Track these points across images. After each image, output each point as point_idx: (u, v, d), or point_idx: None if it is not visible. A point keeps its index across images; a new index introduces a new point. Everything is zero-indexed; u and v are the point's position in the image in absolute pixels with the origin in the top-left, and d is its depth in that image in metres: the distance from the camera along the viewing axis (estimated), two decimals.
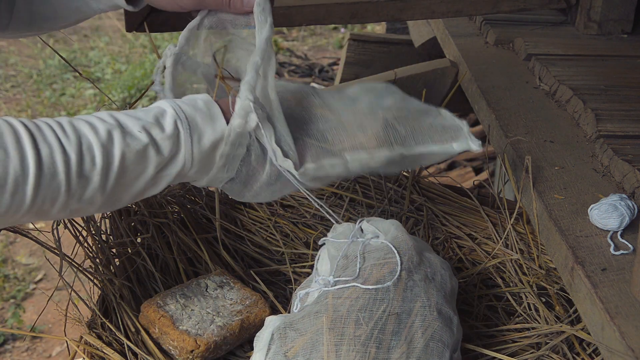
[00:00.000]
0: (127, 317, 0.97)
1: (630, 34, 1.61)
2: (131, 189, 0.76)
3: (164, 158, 0.76)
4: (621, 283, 0.84)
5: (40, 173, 0.68)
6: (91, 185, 0.72)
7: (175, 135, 0.77)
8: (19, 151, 0.67)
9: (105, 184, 0.73)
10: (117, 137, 0.73)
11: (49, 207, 0.71)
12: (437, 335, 0.82)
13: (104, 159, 0.72)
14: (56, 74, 4.42)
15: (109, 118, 0.75)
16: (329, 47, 5.02)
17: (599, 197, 0.99)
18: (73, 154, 0.70)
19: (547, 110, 1.27)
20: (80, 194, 0.72)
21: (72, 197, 0.71)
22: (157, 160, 0.76)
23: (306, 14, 1.39)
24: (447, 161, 2.79)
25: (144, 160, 0.75)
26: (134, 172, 0.75)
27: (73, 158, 0.70)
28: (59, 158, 0.69)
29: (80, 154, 0.71)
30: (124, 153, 0.73)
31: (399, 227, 0.91)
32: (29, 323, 2.37)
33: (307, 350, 0.79)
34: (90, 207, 0.75)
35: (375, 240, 0.89)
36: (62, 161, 0.70)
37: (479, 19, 1.70)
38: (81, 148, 0.71)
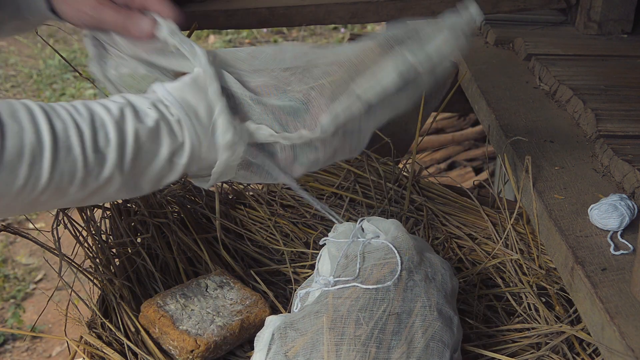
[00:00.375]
0: (127, 317, 0.97)
1: (630, 34, 1.61)
2: (148, 171, 0.75)
3: (176, 140, 0.76)
4: (621, 283, 0.84)
5: (56, 146, 0.68)
6: (108, 162, 0.72)
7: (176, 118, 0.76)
8: (34, 124, 0.68)
9: (122, 161, 0.72)
10: (129, 114, 0.74)
11: (67, 184, 0.70)
12: (437, 336, 0.82)
13: (118, 134, 0.72)
14: (56, 74, 4.42)
15: (120, 98, 0.75)
16: None
17: (599, 197, 0.99)
18: (87, 129, 0.70)
19: (547, 110, 1.27)
20: (97, 171, 0.71)
21: (90, 174, 0.71)
22: (169, 140, 0.75)
23: (306, 14, 1.39)
24: (447, 161, 2.79)
25: (157, 138, 0.75)
26: (149, 152, 0.74)
27: (87, 133, 0.70)
28: (72, 132, 0.69)
29: (94, 129, 0.71)
30: (137, 129, 0.73)
31: (399, 227, 0.91)
32: (29, 323, 2.37)
33: (307, 350, 0.79)
34: (110, 187, 0.74)
35: (375, 240, 0.89)
36: (76, 135, 0.69)
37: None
38: (94, 124, 0.71)
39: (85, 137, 0.70)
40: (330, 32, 5.24)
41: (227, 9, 1.30)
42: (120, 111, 0.73)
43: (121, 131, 0.72)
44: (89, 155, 0.70)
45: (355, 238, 0.90)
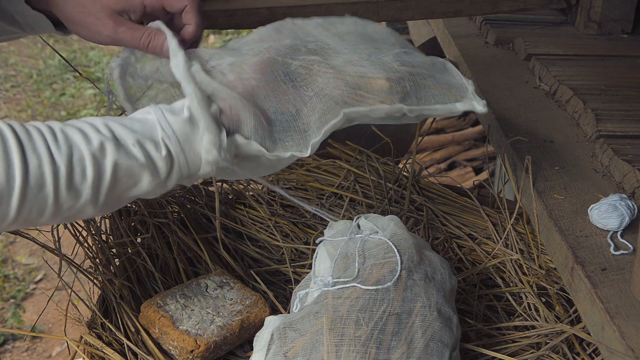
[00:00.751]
0: (127, 317, 0.97)
1: (630, 34, 1.61)
2: (123, 199, 0.76)
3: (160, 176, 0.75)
4: (621, 283, 0.84)
5: (26, 185, 0.67)
6: (82, 198, 0.71)
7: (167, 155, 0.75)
8: (6, 162, 0.66)
9: (97, 196, 0.72)
10: (109, 150, 0.72)
11: (35, 217, 0.70)
12: (437, 336, 0.82)
13: (95, 171, 0.71)
14: (56, 74, 4.42)
15: (104, 128, 0.73)
16: None
17: (599, 197, 0.99)
18: (62, 165, 0.69)
19: (547, 110, 1.27)
20: (70, 205, 0.70)
21: (61, 208, 0.70)
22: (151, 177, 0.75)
23: (306, 14, 1.39)
24: (447, 161, 2.79)
25: (138, 174, 0.74)
26: (127, 184, 0.74)
27: (62, 170, 0.69)
28: (47, 169, 0.68)
29: (71, 166, 0.69)
30: (116, 165, 0.72)
31: (398, 223, 0.90)
32: (29, 323, 2.37)
33: (307, 350, 0.79)
34: (82, 215, 0.74)
35: (374, 236, 0.89)
36: (51, 172, 0.68)
37: (479, 19, 1.70)
38: (72, 159, 0.69)
39: (60, 175, 0.69)
40: None
41: (227, 9, 1.30)
42: (100, 145, 0.71)
43: (99, 167, 0.71)
44: (61, 192, 0.69)
45: (352, 235, 0.90)
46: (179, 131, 0.76)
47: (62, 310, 0.96)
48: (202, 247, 1.13)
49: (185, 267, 1.11)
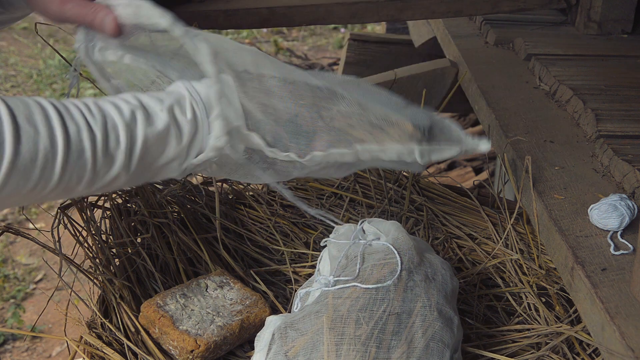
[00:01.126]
0: (127, 317, 0.97)
1: (630, 34, 1.61)
2: (153, 167, 0.78)
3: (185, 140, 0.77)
4: (621, 283, 0.84)
5: (69, 150, 0.70)
6: (116, 164, 0.73)
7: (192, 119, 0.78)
8: (49, 129, 0.69)
9: (129, 163, 0.74)
10: (140, 118, 0.75)
11: (75, 184, 0.72)
12: (437, 336, 0.82)
13: (128, 138, 0.73)
14: (56, 74, 4.42)
15: (133, 99, 0.76)
16: (329, 47, 5.02)
17: (599, 197, 0.99)
18: (99, 132, 0.72)
19: (547, 110, 1.27)
20: (105, 172, 0.73)
21: (97, 175, 0.73)
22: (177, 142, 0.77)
23: (306, 14, 1.39)
24: (447, 161, 2.79)
25: (166, 140, 0.76)
26: (156, 152, 0.76)
27: (99, 136, 0.72)
28: (85, 136, 0.71)
29: (106, 133, 0.72)
30: (147, 133, 0.75)
31: (399, 228, 0.91)
32: (29, 323, 2.37)
33: (307, 350, 0.79)
34: (114, 184, 0.76)
35: (376, 241, 0.89)
36: (89, 139, 0.71)
37: (479, 19, 1.70)
38: (106, 127, 0.72)
39: (97, 141, 0.72)
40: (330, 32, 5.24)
41: (227, 9, 1.30)
42: (131, 113, 0.75)
43: (131, 134, 0.74)
44: (98, 158, 0.72)
45: (356, 240, 0.90)
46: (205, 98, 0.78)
47: (62, 310, 0.96)
48: (202, 247, 1.13)
49: (185, 267, 1.11)
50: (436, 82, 1.56)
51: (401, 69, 1.55)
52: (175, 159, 0.78)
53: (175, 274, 1.11)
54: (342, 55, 2.35)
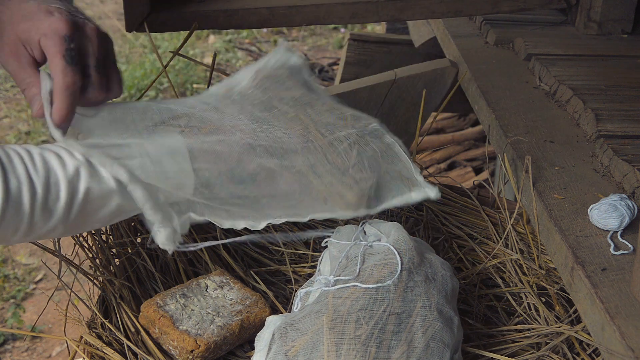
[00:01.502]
0: (127, 317, 0.97)
1: (630, 34, 1.61)
2: (92, 219, 0.79)
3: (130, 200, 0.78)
4: (621, 283, 0.84)
5: (7, 204, 0.70)
6: (54, 217, 0.74)
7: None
8: None
9: (67, 216, 0.75)
10: (84, 174, 0.75)
11: (9, 235, 0.73)
12: (437, 336, 0.82)
13: (69, 193, 0.74)
14: None
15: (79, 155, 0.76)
16: (329, 47, 5.02)
17: (599, 197, 0.99)
18: (40, 188, 0.72)
19: (547, 110, 1.27)
20: (42, 224, 0.74)
21: (34, 227, 0.73)
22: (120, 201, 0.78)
23: (306, 14, 1.39)
24: (447, 161, 2.79)
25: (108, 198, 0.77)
26: (97, 205, 0.77)
27: (39, 192, 0.72)
28: (25, 191, 0.71)
29: (47, 188, 0.73)
30: (89, 188, 0.75)
31: (399, 229, 0.91)
32: (29, 323, 2.37)
33: (307, 350, 0.79)
34: (51, 234, 0.77)
35: (377, 243, 0.89)
36: (29, 194, 0.71)
37: (479, 19, 1.70)
38: (48, 182, 0.73)
39: (37, 196, 0.72)
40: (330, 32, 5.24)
41: (227, 9, 1.30)
42: (75, 170, 0.75)
43: (72, 190, 0.74)
44: (37, 212, 0.72)
45: (357, 241, 0.91)
46: None
47: (62, 310, 0.96)
48: (202, 247, 1.12)
49: (185, 267, 1.11)
50: (436, 82, 1.56)
51: (401, 69, 1.55)
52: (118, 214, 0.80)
53: (175, 274, 1.11)
54: (342, 55, 2.35)
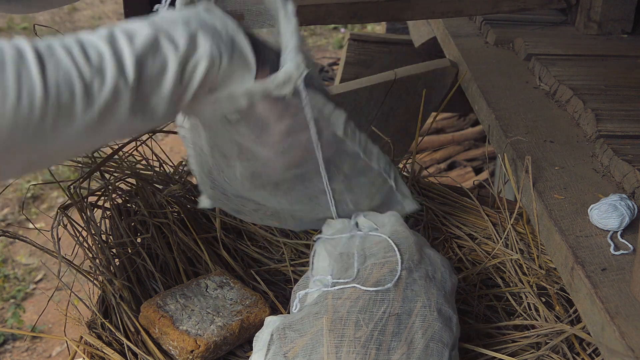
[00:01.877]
0: (127, 317, 0.97)
1: (630, 34, 1.61)
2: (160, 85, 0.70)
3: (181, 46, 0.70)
4: (621, 283, 0.84)
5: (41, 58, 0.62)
6: (107, 72, 0.65)
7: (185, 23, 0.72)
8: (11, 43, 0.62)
9: (122, 71, 0.66)
10: (119, 33, 0.68)
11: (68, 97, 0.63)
12: (437, 336, 0.82)
13: (111, 46, 0.66)
14: None
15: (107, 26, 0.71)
16: (329, 47, 5.02)
17: (599, 197, 0.99)
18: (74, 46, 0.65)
19: (547, 110, 1.27)
20: (98, 82, 0.65)
21: (91, 86, 0.64)
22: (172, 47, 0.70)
23: (306, 14, 1.39)
24: (447, 161, 2.79)
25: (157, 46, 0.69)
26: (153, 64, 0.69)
27: (75, 48, 0.65)
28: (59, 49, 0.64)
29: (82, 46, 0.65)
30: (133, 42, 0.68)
31: (398, 219, 0.90)
32: (29, 323, 2.37)
33: (307, 351, 0.79)
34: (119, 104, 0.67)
35: (374, 233, 0.88)
36: (63, 49, 0.64)
37: (479, 19, 1.70)
38: (82, 42, 0.66)
39: (74, 51, 0.64)
40: (330, 32, 5.24)
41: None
42: (109, 31, 0.68)
43: (113, 45, 0.67)
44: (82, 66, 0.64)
45: (353, 232, 0.90)
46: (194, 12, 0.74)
47: (62, 310, 0.96)
48: (202, 247, 1.13)
49: (185, 267, 1.11)
50: (436, 82, 1.56)
51: (401, 69, 1.55)
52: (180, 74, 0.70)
53: (175, 273, 1.11)
54: (342, 55, 2.35)
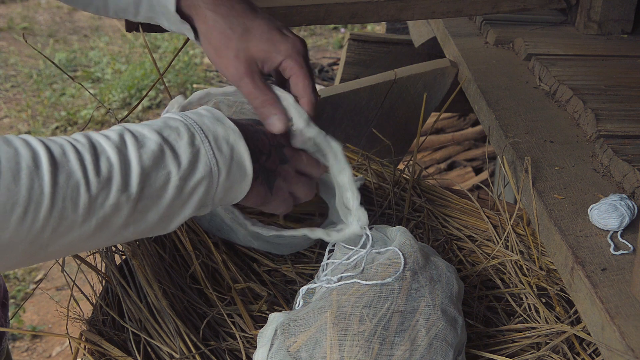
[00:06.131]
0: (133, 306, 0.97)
1: (630, 34, 1.61)
2: (158, 201, 0.72)
3: (183, 160, 0.73)
4: (621, 283, 0.84)
5: (56, 169, 0.64)
6: (113, 187, 0.67)
7: (189, 137, 0.75)
8: (29, 148, 0.64)
9: (127, 186, 0.69)
10: (128, 138, 0.71)
11: (71, 211, 0.65)
12: (441, 335, 0.82)
13: (120, 157, 0.69)
14: (56, 74, 4.43)
15: (118, 127, 0.73)
16: (329, 47, 5.02)
17: (599, 197, 0.99)
18: (86, 153, 0.67)
19: (547, 110, 1.27)
20: (103, 196, 0.67)
21: (95, 201, 0.66)
22: (176, 163, 0.72)
23: (306, 14, 1.40)
24: (447, 161, 2.79)
25: (163, 161, 0.72)
26: (157, 177, 0.71)
27: (87, 157, 0.67)
28: (72, 156, 0.66)
29: (95, 154, 0.67)
30: (140, 153, 0.70)
31: (405, 233, 0.91)
32: (29, 323, 2.37)
33: (310, 345, 0.79)
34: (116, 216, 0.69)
35: (383, 249, 0.90)
36: (77, 160, 0.66)
37: (479, 19, 1.70)
38: (95, 150, 0.68)
39: (86, 161, 0.67)
40: (330, 32, 5.24)
41: None
42: (119, 137, 0.71)
43: (123, 155, 0.69)
44: (91, 179, 0.66)
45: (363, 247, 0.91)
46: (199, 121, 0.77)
47: (62, 308, 0.96)
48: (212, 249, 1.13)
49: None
50: (436, 82, 1.56)
51: (401, 69, 1.55)
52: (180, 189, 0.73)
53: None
54: (342, 55, 2.35)
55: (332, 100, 1.51)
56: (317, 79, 4.14)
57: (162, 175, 0.72)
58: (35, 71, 4.46)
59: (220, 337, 0.96)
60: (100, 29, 5.25)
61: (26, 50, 4.79)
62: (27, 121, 3.88)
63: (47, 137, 0.68)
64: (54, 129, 3.79)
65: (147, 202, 0.71)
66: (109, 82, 4.27)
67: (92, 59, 4.65)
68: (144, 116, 3.96)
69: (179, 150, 0.73)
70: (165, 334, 0.92)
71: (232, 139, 0.78)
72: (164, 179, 0.72)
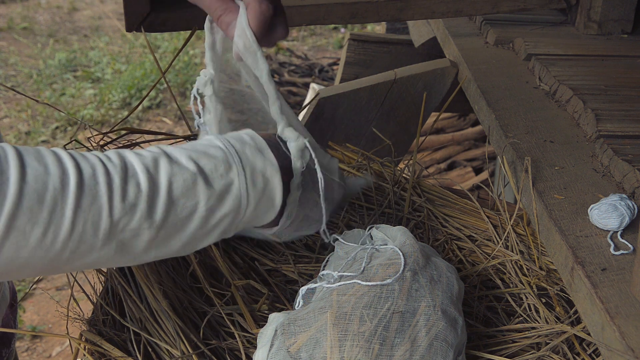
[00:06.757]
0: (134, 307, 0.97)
1: (630, 34, 1.61)
2: (182, 230, 0.71)
3: (214, 192, 0.71)
4: (621, 283, 0.84)
5: (81, 193, 0.63)
6: (137, 213, 0.66)
7: (226, 168, 0.73)
8: (60, 169, 0.63)
9: (152, 213, 0.67)
10: (162, 163, 0.69)
11: (91, 235, 0.64)
12: (441, 335, 0.82)
13: (150, 184, 0.67)
14: (56, 74, 4.43)
15: (156, 149, 0.72)
16: (329, 47, 5.02)
17: (599, 197, 0.99)
18: (116, 176, 0.65)
19: (547, 110, 1.27)
20: (125, 222, 0.66)
21: (116, 226, 0.65)
22: (207, 194, 0.71)
23: (306, 14, 1.40)
24: (447, 161, 2.79)
25: (193, 191, 0.70)
26: (184, 207, 0.70)
27: (116, 180, 0.65)
28: (102, 179, 0.64)
29: (125, 178, 0.66)
30: (171, 181, 0.69)
31: (405, 233, 0.91)
32: (29, 323, 2.37)
33: (310, 345, 0.79)
34: (137, 241, 0.68)
35: (383, 246, 0.90)
36: (105, 183, 0.64)
37: (479, 19, 1.70)
38: (126, 172, 0.66)
39: (114, 185, 0.65)
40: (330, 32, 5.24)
41: None
42: (154, 161, 0.69)
43: (153, 181, 0.68)
44: (115, 203, 0.65)
45: (364, 245, 0.91)
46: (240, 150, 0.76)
47: (62, 307, 0.96)
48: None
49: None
50: (436, 82, 1.56)
51: (401, 69, 1.55)
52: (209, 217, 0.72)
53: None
54: (342, 55, 2.35)
55: (332, 100, 1.51)
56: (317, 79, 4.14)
57: (189, 206, 0.70)
58: (35, 71, 4.46)
59: (220, 336, 0.96)
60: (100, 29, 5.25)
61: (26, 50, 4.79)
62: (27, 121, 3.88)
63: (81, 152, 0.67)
64: (54, 129, 3.79)
65: (170, 230, 0.70)
66: (109, 82, 4.27)
67: (92, 59, 4.66)
68: (144, 116, 3.96)
69: (213, 182, 0.72)
70: (165, 334, 0.93)
71: (268, 173, 0.76)
72: (190, 209, 0.70)
